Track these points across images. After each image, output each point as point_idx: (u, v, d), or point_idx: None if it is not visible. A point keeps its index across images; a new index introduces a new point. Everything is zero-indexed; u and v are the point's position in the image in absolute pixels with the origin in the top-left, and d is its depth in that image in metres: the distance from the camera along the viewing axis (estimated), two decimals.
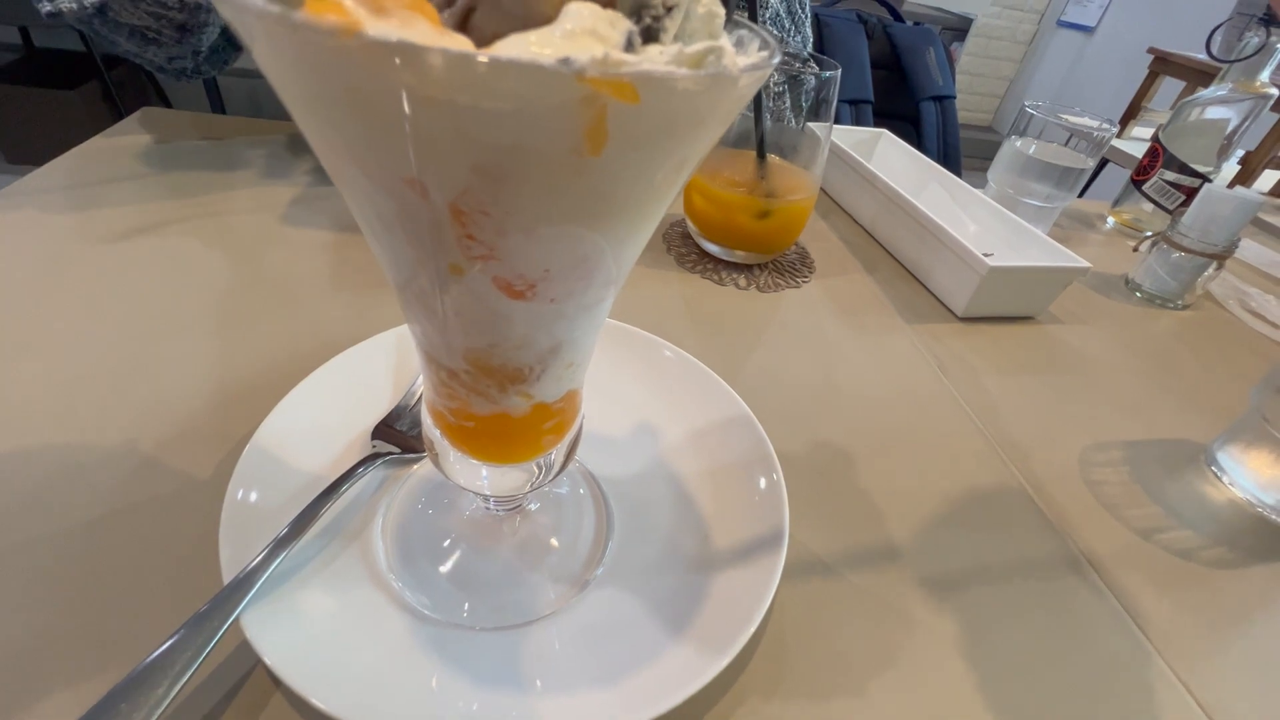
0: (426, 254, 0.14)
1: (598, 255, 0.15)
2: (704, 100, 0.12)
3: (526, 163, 0.12)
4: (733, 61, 0.12)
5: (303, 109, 0.12)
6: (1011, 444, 0.39)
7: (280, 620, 0.22)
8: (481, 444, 0.22)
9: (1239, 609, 0.32)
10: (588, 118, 0.11)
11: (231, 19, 0.11)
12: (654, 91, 0.11)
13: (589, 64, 0.10)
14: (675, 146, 0.13)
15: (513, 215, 0.13)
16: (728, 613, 0.24)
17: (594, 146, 0.11)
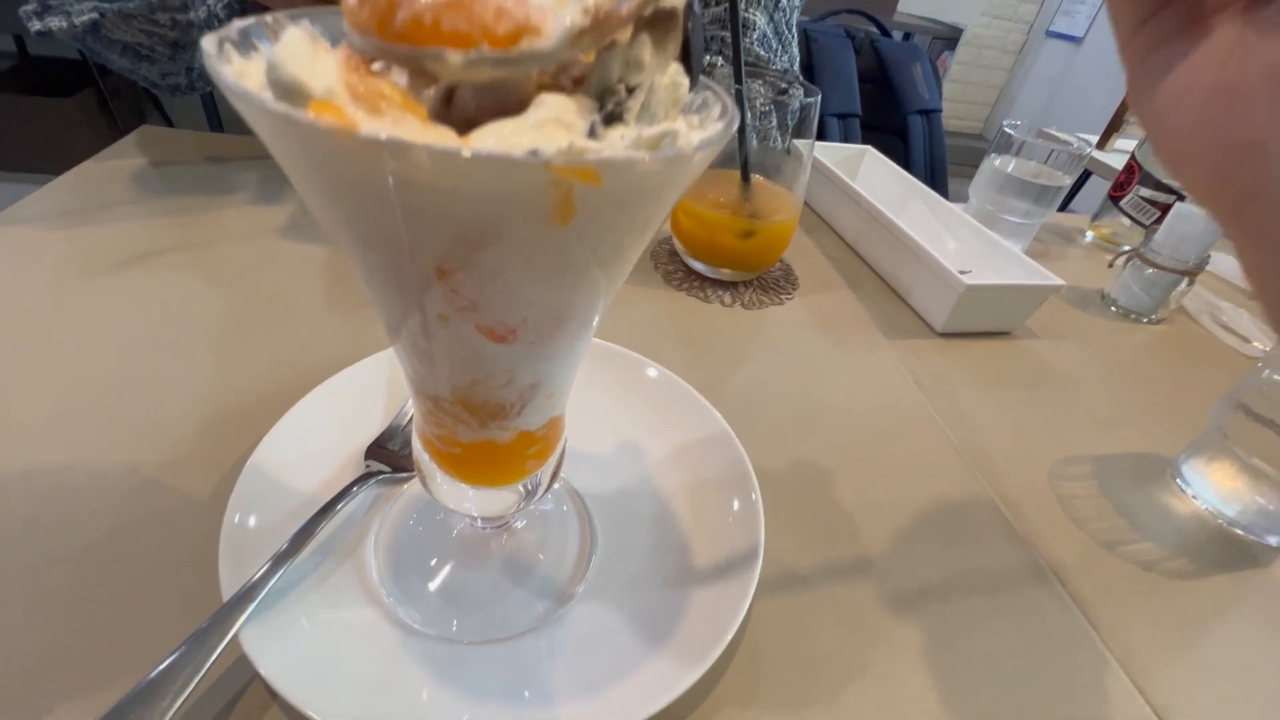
0: (414, 304, 0.15)
1: (573, 305, 0.16)
2: (662, 176, 0.13)
3: (503, 233, 0.13)
4: (687, 142, 0.13)
5: (304, 185, 0.13)
6: (985, 459, 0.41)
7: (277, 635, 0.23)
8: (468, 468, 0.23)
9: (1196, 619, 0.34)
10: (556, 196, 0.12)
11: (242, 110, 0.12)
12: (615, 173, 0.12)
13: (555, 155, 0.11)
14: (638, 213, 0.14)
15: (492, 275, 0.14)
16: (704, 625, 0.26)
17: (563, 219, 0.13)
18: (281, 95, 0.11)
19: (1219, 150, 0.16)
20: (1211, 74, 0.16)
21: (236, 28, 0.15)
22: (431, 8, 0.12)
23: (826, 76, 1.09)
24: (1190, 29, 0.17)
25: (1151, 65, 0.18)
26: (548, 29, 0.13)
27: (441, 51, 0.12)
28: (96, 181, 0.54)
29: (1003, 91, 3.36)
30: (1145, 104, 0.18)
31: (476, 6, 0.12)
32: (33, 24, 0.47)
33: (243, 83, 0.12)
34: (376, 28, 0.12)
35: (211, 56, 0.13)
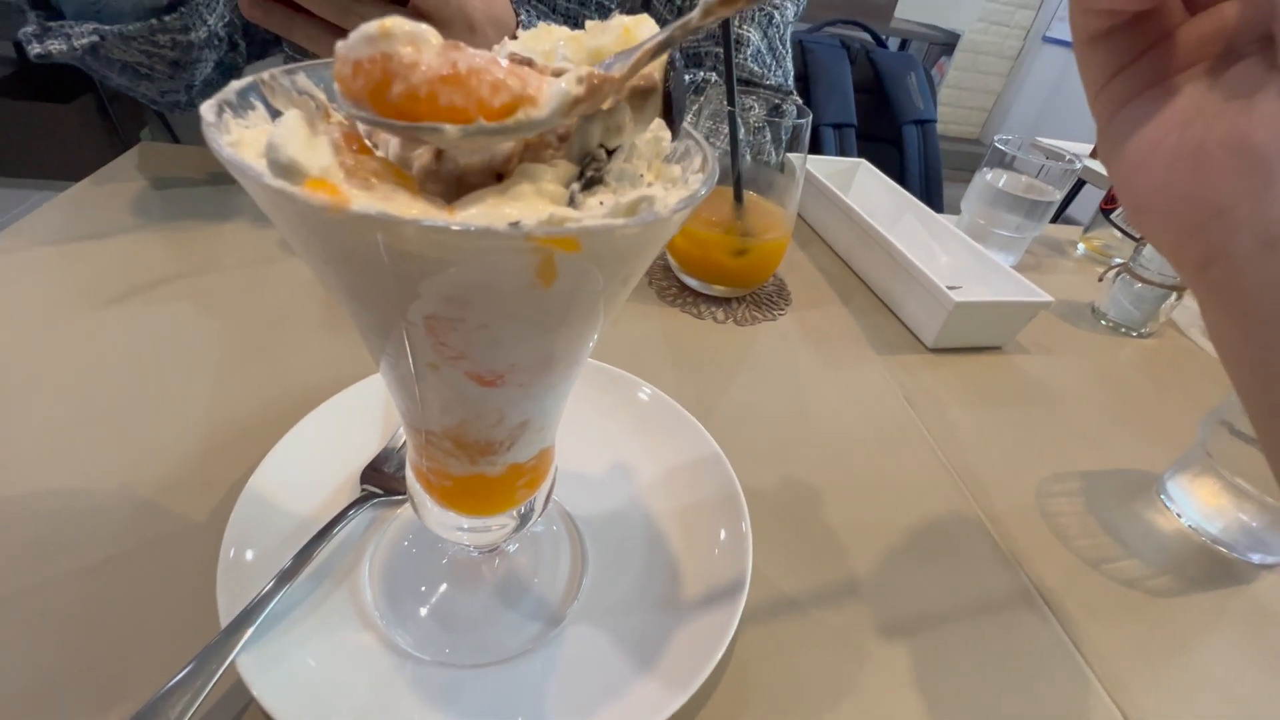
0: (403, 353, 0.16)
1: (559, 350, 0.17)
2: (640, 238, 0.14)
3: (488, 294, 0.14)
4: (663, 205, 0.14)
5: (300, 248, 0.14)
6: (972, 476, 0.42)
7: (273, 661, 0.24)
8: (460, 499, 0.24)
9: (1179, 637, 0.34)
10: (538, 262, 0.13)
11: (242, 182, 0.13)
12: (594, 240, 0.13)
13: (535, 226, 0.12)
14: (617, 270, 0.15)
15: (478, 329, 0.15)
16: (692, 648, 0.26)
17: (546, 281, 0.13)
18: (279, 174, 0.12)
19: (1184, 212, 0.17)
20: (1176, 136, 0.17)
21: (234, 89, 0.16)
22: (428, 83, 0.12)
23: (822, 87, 1.10)
24: (1156, 87, 0.18)
25: (1119, 121, 0.18)
26: (543, 99, 0.13)
27: (438, 126, 0.12)
28: (93, 202, 0.55)
29: (999, 97, 3.38)
30: (1113, 160, 0.19)
31: (472, 81, 0.12)
32: (32, 47, 0.46)
33: (240, 154, 0.13)
34: (369, 99, 0.13)
35: (211, 126, 0.13)
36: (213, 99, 0.15)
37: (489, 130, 0.13)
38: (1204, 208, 0.16)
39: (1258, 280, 0.15)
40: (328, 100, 0.18)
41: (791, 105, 0.52)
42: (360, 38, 0.13)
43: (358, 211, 0.11)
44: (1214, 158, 0.16)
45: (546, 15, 0.59)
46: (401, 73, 0.12)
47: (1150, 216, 0.18)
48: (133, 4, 0.48)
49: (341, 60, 0.13)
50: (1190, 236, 0.17)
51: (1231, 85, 0.16)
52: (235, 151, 0.13)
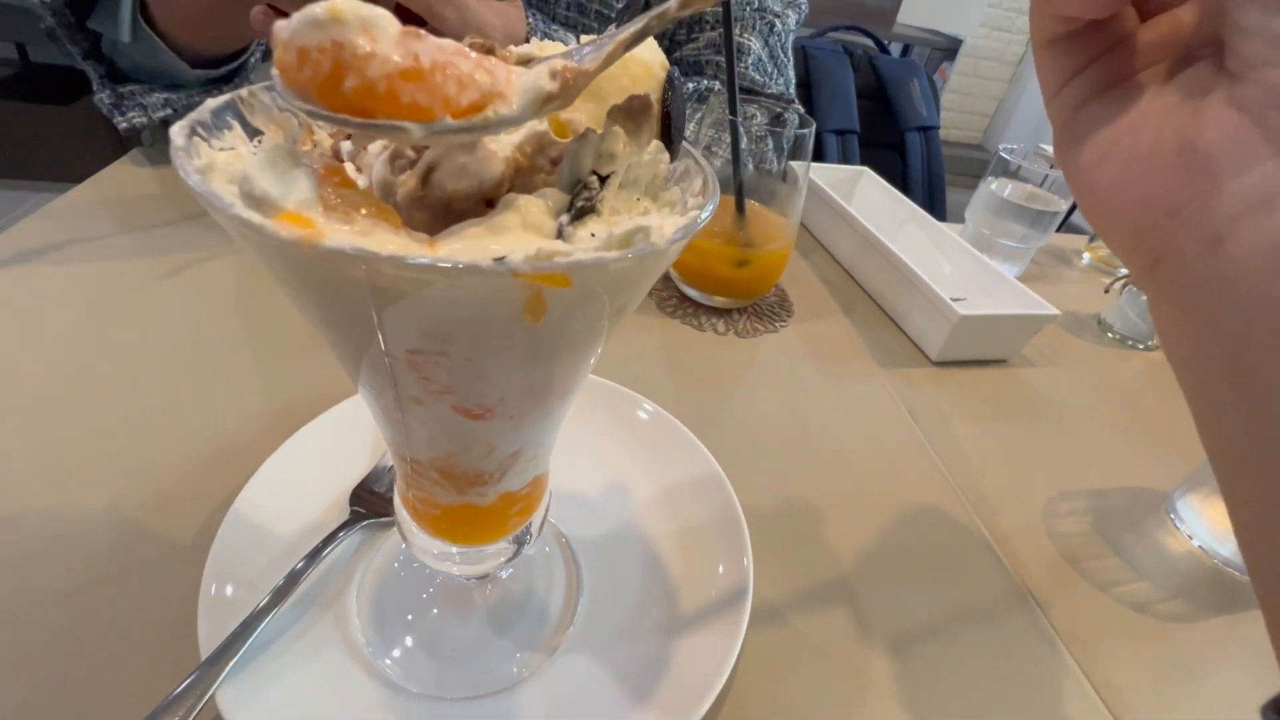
0: (387, 386, 0.15)
1: (551, 382, 0.16)
2: (635, 270, 0.13)
3: (472, 330, 0.13)
4: (660, 235, 0.13)
5: (277, 281, 0.13)
6: (978, 495, 0.41)
7: (255, 694, 0.23)
8: (449, 528, 0.23)
9: (1189, 664, 0.33)
10: (525, 298, 0.12)
11: (210, 212, 0.12)
12: (585, 274, 0.12)
13: (522, 262, 0.11)
14: (611, 302, 0.14)
15: (464, 364, 0.14)
16: (690, 681, 0.25)
17: (534, 317, 0.12)
18: (252, 206, 0.11)
19: (1136, 212, 0.17)
20: (1130, 138, 0.17)
21: (209, 108, 0.15)
22: (386, 77, 0.11)
23: (824, 93, 1.10)
24: (1112, 89, 0.18)
25: (1075, 123, 0.18)
26: (514, 95, 0.12)
27: (400, 125, 0.11)
28: (79, 214, 0.53)
29: (1002, 102, 3.37)
30: (1070, 161, 0.19)
31: (437, 76, 0.11)
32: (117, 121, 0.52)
33: (208, 183, 0.12)
34: (317, 92, 0.11)
35: (179, 150, 0.13)
36: (185, 120, 0.14)
37: (454, 128, 0.12)
38: (1155, 208, 0.16)
39: (1203, 278, 0.16)
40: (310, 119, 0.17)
41: (794, 114, 0.51)
42: (306, 21, 0.11)
43: (330, 247, 0.11)
44: (1165, 159, 0.16)
45: (548, 23, 0.58)
46: (356, 65, 0.11)
47: (1105, 216, 0.18)
48: (195, 77, 0.53)
49: (284, 46, 0.11)
50: (1142, 236, 0.17)
51: (1183, 88, 0.16)
52: (202, 179, 0.12)
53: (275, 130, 0.16)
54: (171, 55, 0.50)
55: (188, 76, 0.53)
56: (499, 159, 0.15)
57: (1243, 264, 0.15)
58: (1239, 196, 0.15)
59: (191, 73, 0.53)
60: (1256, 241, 0.15)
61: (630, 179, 0.15)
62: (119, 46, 0.51)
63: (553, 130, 0.16)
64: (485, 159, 0.14)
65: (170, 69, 0.52)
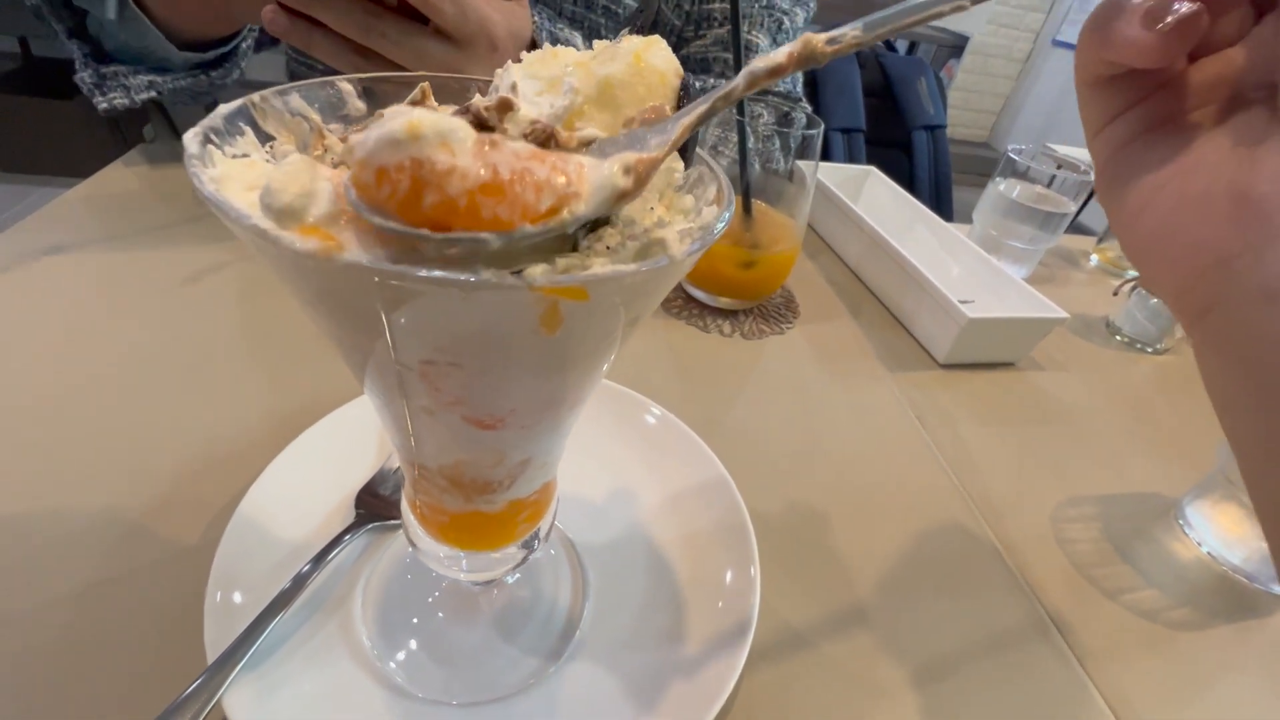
0: (397, 395, 0.15)
1: (563, 392, 0.16)
2: (651, 283, 0.13)
3: (487, 343, 0.13)
4: (676, 248, 0.13)
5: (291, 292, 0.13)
6: (986, 502, 0.40)
7: (262, 699, 0.23)
8: (456, 535, 0.23)
9: (1199, 673, 0.33)
10: (542, 311, 0.12)
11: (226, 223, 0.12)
12: (602, 287, 0.12)
13: (540, 276, 0.11)
14: (626, 312, 0.14)
15: (477, 376, 0.14)
16: (696, 690, 0.25)
17: (550, 329, 0.12)
18: (274, 218, 0.11)
19: (1185, 259, 0.16)
20: (1179, 182, 0.17)
21: (221, 114, 0.15)
22: (467, 194, 0.11)
23: (831, 91, 1.09)
24: (1157, 130, 0.17)
25: (1118, 163, 0.18)
26: (587, 193, 0.12)
27: (478, 236, 0.11)
28: (81, 212, 0.53)
29: (1009, 100, 3.35)
30: (1113, 201, 0.18)
31: (516, 187, 0.11)
32: (97, 100, 0.49)
33: (223, 192, 0.12)
34: (398, 210, 0.11)
35: (193, 158, 0.12)
36: (198, 126, 0.14)
37: (531, 235, 0.11)
38: (1205, 256, 0.16)
39: (1259, 331, 0.15)
40: (322, 123, 0.17)
41: (801, 113, 0.51)
42: (384, 141, 0.11)
43: (349, 260, 0.10)
44: (1217, 207, 0.16)
45: (554, 20, 0.58)
46: (435, 181, 0.11)
47: (1151, 261, 0.18)
48: (182, 59, 0.51)
49: (362, 165, 0.11)
50: (1191, 283, 0.17)
51: (1235, 133, 0.16)
52: (217, 189, 0.12)
53: (287, 136, 0.16)
54: (159, 36, 0.48)
55: (175, 59, 0.51)
56: None
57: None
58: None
59: (179, 55, 0.50)
60: None
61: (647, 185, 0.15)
62: (105, 26, 0.49)
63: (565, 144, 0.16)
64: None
65: (157, 51, 0.50)
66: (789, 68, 0.13)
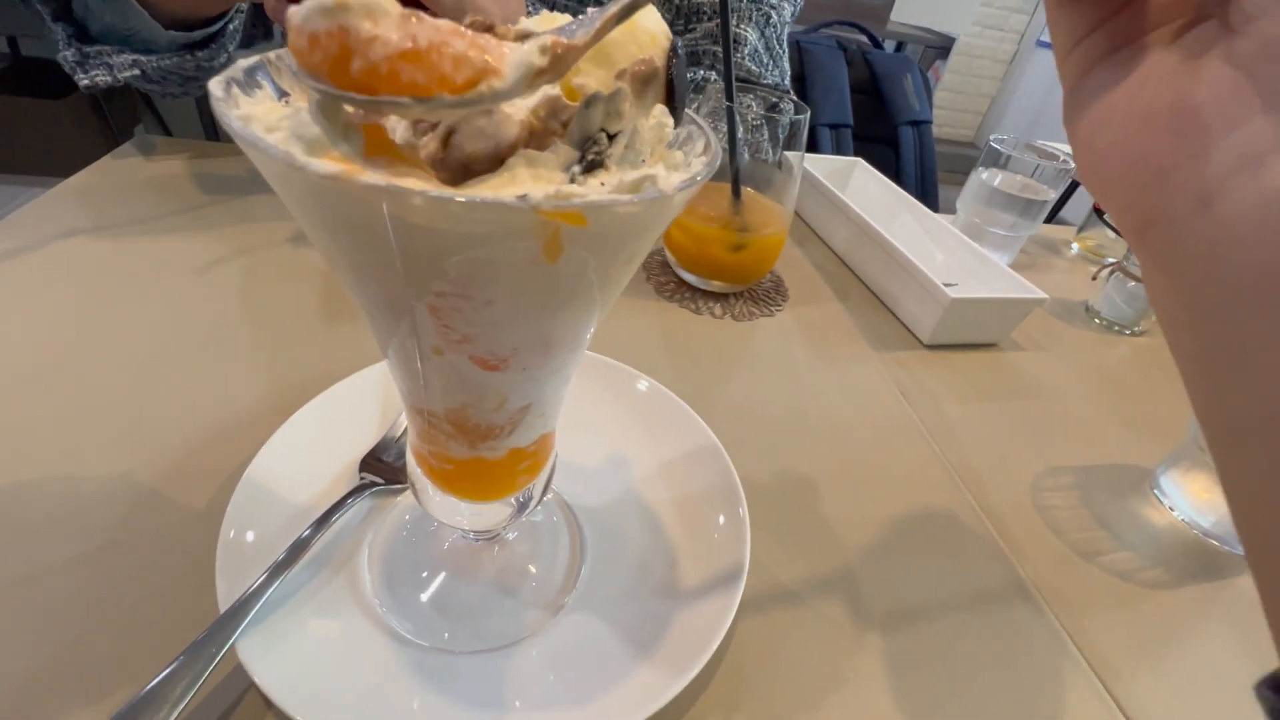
0: (409, 336, 0.16)
1: (563, 333, 0.17)
2: (645, 216, 0.14)
3: (494, 271, 0.14)
4: (667, 184, 0.14)
5: (308, 223, 0.14)
6: (968, 471, 0.42)
7: (273, 646, 0.24)
8: (461, 484, 0.24)
9: (1171, 628, 0.34)
10: (544, 237, 0.13)
11: (250, 155, 0.13)
12: (599, 215, 0.13)
13: (543, 200, 0.12)
14: (622, 247, 0.15)
15: (483, 310, 0.15)
16: (690, 636, 0.26)
17: (551, 258, 0.13)
18: (305, 148, 0.12)
19: (1128, 173, 0.16)
20: (1128, 100, 0.17)
21: (241, 68, 0.16)
22: (387, 60, 0.12)
23: (819, 87, 1.11)
24: (1123, 50, 0.17)
25: (1084, 87, 0.18)
26: (506, 70, 0.13)
27: (398, 100, 0.12)
28: (93, 191, 0.54)
29: (994, 100, 3.40)
30: (1073, 124, 0.18)
31: (433, 56, 0.12)
32: (79, 77, 0.48)
33: (250, 128, 0.13)
34: (329, 73, 0.12)
35: (220, 100, 0.14)
36: (220, 76, 0.15)
37: (449, 103, 0.13)
38: (1147, 168, 0.16)
39: (1192, 240, 0.15)
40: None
41: (789, 103, 0.52)
42: (315, 8, 0.12)
43: (367, 182, 0.12)
44: (1158, 120, 0.16)
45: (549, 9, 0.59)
46: (360, 48, 0.12)
47: (1099, 181, 0.18)
48: (169, 39, 0.50)
49: (296, 31, 0.12)
50: (1133, 198, 0.17)
51: (1186, 47, 0.16)
52: (245, 125, 0.13)
53: (300, 92, 0.17)
54: (143, 15, 0.48)
55: (161, 39, 0.50)
56: (515, 122, 0.16)
57: (1231, 225, 0.14)
58: (1228, 155, 0.14)
59: (165, 35, 0.50)
60: (1245, 201, 0.14)
61: (637, 141, 0.16)
62: (90, 7, 0.49)
63: (565, 95, 0.17)
64: (501, 122, 0.15)
65: (143, 32, 0.49)
66: None
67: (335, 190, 0.12)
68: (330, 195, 0.13)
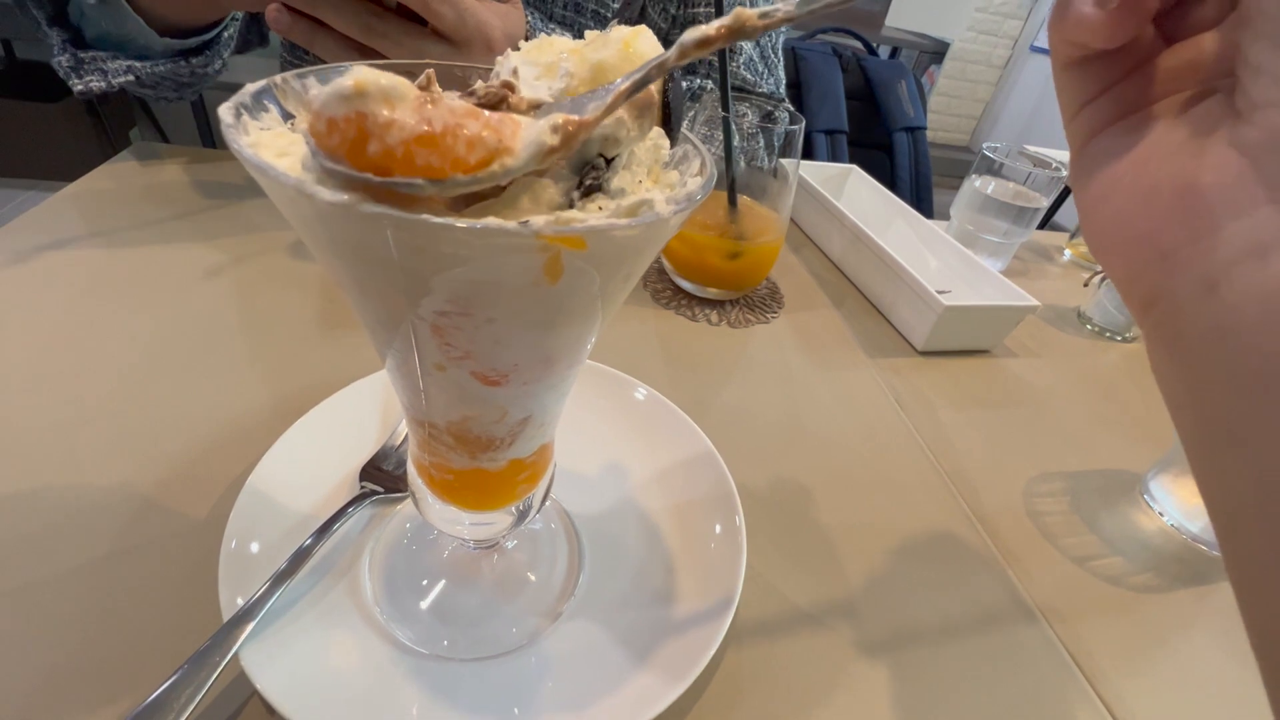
0: (411, 351, 0.17)
1: (562, 349, 0.17)
2: (641, 238, 0.14)
3: (496, 292, 0.14)
4: (663, 207, 0.14)
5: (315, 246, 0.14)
6: (961, 476, 0.42)
7: (275, 654, 0.24)
8: (461, 494, 0.24)
9: (1161, 632, 0.35)
10: (545, 260, 0.13)
11: (260, 181, 0.13)
12: (598, 239, 0.13)
13: (544, 225, 0.13)
14: (620, 267, 0.15)
15: (484, 325, 0.15)
16: (686, 643, 0.27)
17: (552, 279, 0.14)
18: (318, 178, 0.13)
19: (1133, 251, 0.16)
20: (1134, 175, 0.17)
21: (249, 92, 0.16)
22: (404, 144, 0.12)
23: (814, 94, 1.12)
24: (1128, 118, 0.17)
25: (1089, 151, 0.18)
26: (519, 149, 0.13)
27: (412, 182, 0.12)
28: (92, 199, 0.55)
29: (988, 105, 3.42)
30: (1079, 189, 0.18)
31: (448, 140, 0.12)
32: (73, 83, 0.48)
33: (260, 155, 0.13)
34: (347, 156, 0.13)
35: (230, 127, 0.14)
36: (230, 102, 0.15)
37: (463, 183, 0.13)
38: (1150, 248, 0.16)
39: (1195, 324, 0.15)
40: None
41: (784, 112, 0.53)
42: (334, 96, 0.12)
43: (373, 210, 0.12)
44: (1162, 200, 0.16)
45: (546, 23, 0.60)
46: (377, 132, 0.12)
47: (1104, 252, 0.18)
48: (164, 46, 0.51)
49: (315, 116, 0.13)
50: (1137, 275, 0.17)
51: (1192, 124, 0.16)
52: (255, 152, 0.13)
53: (305, 115, 0.18)
54: (138, 22, 0.48)
55: (155, 45, 0.51)
56: None
57: (1236, 312, 0.14)
58: (1234, 242, 0.14)
59: (160, 41, 0.50)
60: (1250, 290, 0.14)
61: (633, 162, 0.17)
62: (86, 12, 0.49)
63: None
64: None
65: (138, 38, 0.50)
66: (718, 40, 0.13)
67: (343, 216, 0.12)
68: (338, 220, 0.13)
